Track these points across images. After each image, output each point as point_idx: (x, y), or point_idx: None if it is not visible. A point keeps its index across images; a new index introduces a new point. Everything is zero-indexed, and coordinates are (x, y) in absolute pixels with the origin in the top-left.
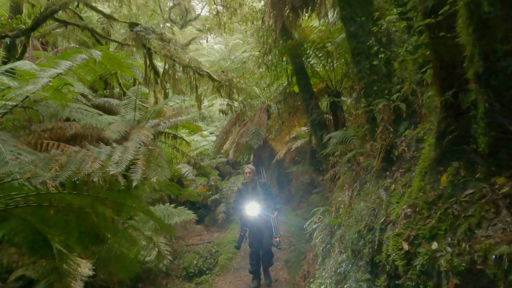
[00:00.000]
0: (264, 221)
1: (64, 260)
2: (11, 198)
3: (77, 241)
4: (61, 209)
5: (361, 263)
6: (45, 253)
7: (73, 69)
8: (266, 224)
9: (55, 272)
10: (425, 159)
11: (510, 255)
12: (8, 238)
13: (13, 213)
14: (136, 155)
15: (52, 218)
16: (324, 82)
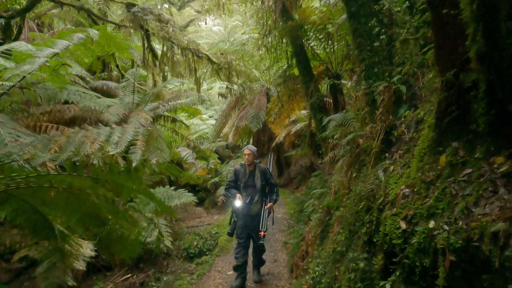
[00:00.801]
0: (257, 211)
1: (66, 241)
2: (11, 179)
3: (78, 223)
4: (62, 190)
5: (359, 242)
6: (47, 234)
7: (70, 49)
8: (257, 215)
9: (58, 253)
10: (424, 140)
11: (506, 232)
12: (10, 219)
13: (14, 194)
14: (135, 136)
15: (53, 200)
16: (324, 65)
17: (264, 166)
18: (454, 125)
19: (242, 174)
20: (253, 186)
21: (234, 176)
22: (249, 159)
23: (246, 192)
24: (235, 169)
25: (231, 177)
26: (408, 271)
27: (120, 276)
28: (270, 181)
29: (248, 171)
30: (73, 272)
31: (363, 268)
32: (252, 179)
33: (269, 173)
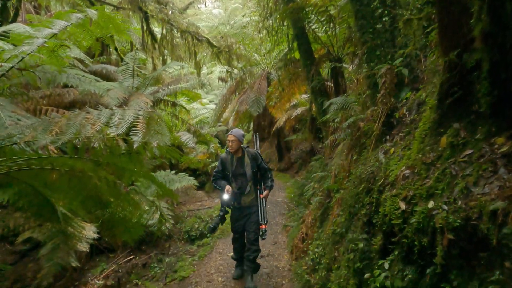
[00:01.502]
0: (250, 202)
1: (69, 223)
2: (13, 162)
3: (81, 205)
4: (64, 173)
5: (358, 224)
6: (50, 217)
7: (69, 29)
8: (252, 206)
9: (61, 235)
10: (425, 121)
11: (505, 210)
12: (12, 202)
13: (16, 177)
14: (136, 118)
15: (55, 182)
16: (325, 48)
17: (253, 151)
18: (456, 107)
19: (229, 163)
20: (243, 175)
21: (220, 165)
22: (233, 146)
23: (236, 182)
24: (221, 158)
25: (218, 167)
26: (407, 250)
27: (123, 257)
28: (261, 166)
29: (235, 158)
30: (77, 254)
31: (362, 248)
32: (241, 167)
33: (259, 157)
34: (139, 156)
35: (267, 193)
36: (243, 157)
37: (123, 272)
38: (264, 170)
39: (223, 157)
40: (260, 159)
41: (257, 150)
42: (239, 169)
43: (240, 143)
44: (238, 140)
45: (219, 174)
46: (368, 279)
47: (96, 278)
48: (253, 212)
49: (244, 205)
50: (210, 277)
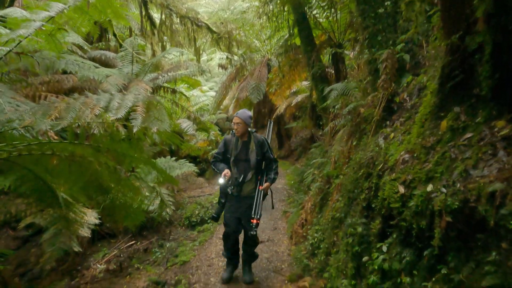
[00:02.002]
0: (250, 192)
1: (70, 209)
2: (13, 147)
3: (81, 191)
4: (64, 158)
5: (358, 208)
6: (51, 202)
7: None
8: (251, 198)
9: (63, 220)
10: (426, 106)
11: (503, 192)
12: (14, 188)
13: (16, 162)
14: (136, 102)
15: (56, 168)
16: (326, 34)
17: (261, 137)
18: (457, 90)
19: (233, 145)
20: (246, 161)
21: (223, 146)
22: (238, 130)
23: (237, 168)
24: (225, 139)
25: (220, 148)
26: (405, 233)
27: (124, 243)
28: (267, 155)
29: (240, 142)
30: (79, 239)
31: (361, 232)
32: (245, 152)
33: (267, 145)
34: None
35: (267, 185)
36: (249, 142)
37: (124, 256)
38: (270, 160)
39: (227, 138)
40: (267, 147)
41: (265, 137)
42: (242, 154)
43: (246, 127)
44: (244, 123)
45: (220, 156)
46: (366, 262)
47: (98, 263)
48: (250, 205)
49: (243, 194)
50: (210, 261)
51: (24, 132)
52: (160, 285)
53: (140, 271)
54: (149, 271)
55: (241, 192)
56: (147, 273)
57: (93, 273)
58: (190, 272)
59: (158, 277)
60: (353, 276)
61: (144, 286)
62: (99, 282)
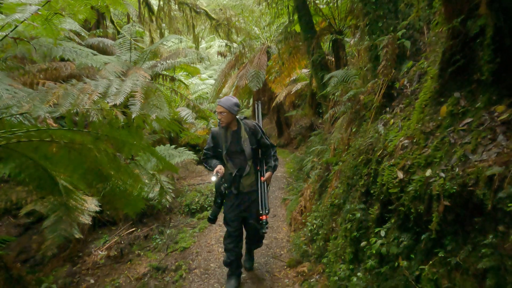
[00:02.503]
0: (250, 186)
1: (70, 196)
2: (12, 133)
3: (81, 178)
4: (63, 145)
5: (356, 194)
6: (51, 190)
7: None
8: (253, 192)
9: (63, 207)
10: (426, 91)
11: (501, 175)
12: (14, 175)
13: (15, 149)
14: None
15: (55, 155)
16: (327, 21)
17: (252, 123)
18: (457, 75)
19: (222, 138)
20: (240, 152)
21: (211, 141)
22: (223, 120)
23: (232, 161)
24: (212, 132)
25: (208, 143)
26: (403, 218)
27: (125, 230)
28: (263, 141)
29: (230, 132)
30: (79, 226)
31: (359, 218)
32: (237, 143)
33: (260, 130)
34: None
35: (269, 175)
36: (239, 131)
37: (125, 243)
38: (266, 146)
39: (214, 132)
40: (261, 133)
41: (256, 122)
42: (234, 145)
43: (232, 116)
44: (229, 112)
45: (210, 152)
46: (365, 247)
47: (99, 249)
48: (253, 200)
49: (242, 190)
50: (210, 247)
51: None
52: (160, 271)
53: (140, 257)
54: (150, 257)
55: (240, 187)
56: (148, 259)
57: (94, 259)
58: (190, 258)
59: (159, 263)
60: (351, 261)
61: (145, 272)
62: (100, 268)
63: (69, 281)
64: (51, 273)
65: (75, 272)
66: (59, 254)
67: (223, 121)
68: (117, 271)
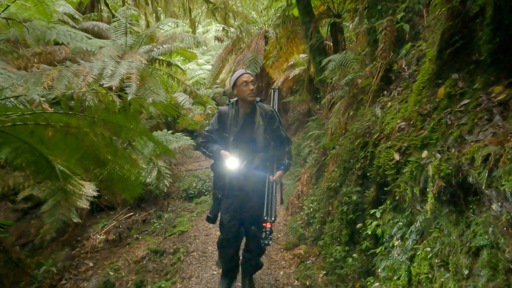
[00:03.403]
0: (254, 185)
1: (68, 181)
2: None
3: (78, 163)
4: (59, 129)
5: (353, 177)
6: (48, 174)
7: None
8: (257, 192)
9: (61, 192)
10: (424, 73)
11: (497, 154)
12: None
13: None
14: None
15: (51, 139)
16: (325, 4)
17: (269, 108)
18: (455, 56)
19: (231, 120)
20: (250, 142)
21: (216, 122)
22: (254, 91)
23: (238, 150)
24: (219, 111)
25: (212, 124)
26: (399, 199)
27: (123, 214)
28: (278, 132)
29: (242, 114)
30: (78, 211)
31: (355, 200)
32: (249, 129)
33: (278, 119)
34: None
35: (280, 174)
36: (253, 114)
37: (123, 227)
38: (281, 139)
39: (222, 111)
40: (278, 122)
41: (274, 108)
42: (245, 132)
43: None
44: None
45: (213, 135)
46: (360, 229)
47: (97, 233)
48: (258, 202)
49: (247, 188)
50: (208, 231)
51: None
52: (159, 254)
53: (139, 241)
54: (148, 241)
55: (245, 183)
56: (146, 243)
57: (93, 243)
58: (188, 241)
59: (157, 246)
60: (346, 242)
61: (143, 255)
62: (99, 252)
63: (68, 264)
64: (50, 257)
65: (74, 256)
66: (58, 238)
67: (254, 92)
68: (115, 254)
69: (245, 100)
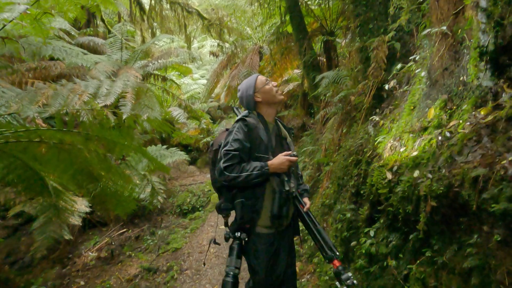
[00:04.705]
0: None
1: (60, 197)
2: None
3: (71, 179)
4: (53, 146)
5: (347, 195)
6: (40, 191)
7: None
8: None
9: (53, 208)
10: (415, 93)
11: (485, 176)
12: (2, 176)
13: (3, 150)
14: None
15: (45, 156)
16: (318, 22)
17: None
18: (445, 78)
19: (263, 134)
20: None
21: (246, 138)
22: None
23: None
24: (248, 124)
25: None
26: (392, 218)
27: (116, 231)
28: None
29: (273, 128)
30: (69, 227)
31: (349, 218)
32: (280, 145)
33: (293, 131)
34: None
35: (309, 204)
36: (277, 125)
37: (116, 244)
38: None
39: (251, 123)
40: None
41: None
42: (279, 149)
43: None
44: None
45: (244, 154)
46: (355, 247)
47: (89, 251)
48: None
49: (285, 223)
50: (202, 248)
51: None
52: (151, 272)
53: (131, 258)
54: (141, 258)
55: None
56: (139, 260)
57: (84, 261)
58: (181, 258)
59: (150, 264)
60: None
61: (136, 273)
62: (91, 270)
63: (59, 283)
64: (40, 275)
65: (64, 274)
66: (49, 255)
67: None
68: (107, 272)
69: (274, 101)
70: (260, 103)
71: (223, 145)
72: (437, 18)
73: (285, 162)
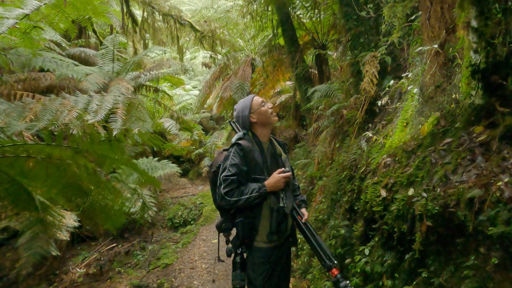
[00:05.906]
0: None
1: (47, 212)
2: None
3: (60, 193)
4: (41, 160)
5: (340, 210)
6: (27, 205)
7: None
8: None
9: (40, 223)
10: (407, 110)
11: (481, 198)
12: None
13: None
14: (115, 104)
15: (32, 170)
16: (310, 35)
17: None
18: (437, 95)
19: (257, 155)
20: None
21: (242, 162)
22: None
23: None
24: (243, 149)
25: (238, 165)
26: (387, 237)
27: (105, 245)
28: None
29: (268, 148)
30: (57, 242)
31: (343, 234)
32: (276, 163)
33: (287, 147)
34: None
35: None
36: (272, 144)
37: (105, 260)
38: (293, 174)
39: (246, 146)
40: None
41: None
42: (274, 167)
43: None
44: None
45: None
46: (349, 265)
47: (77, 267)
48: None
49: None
50: (193, 264)
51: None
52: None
53: (121, 274)
54: (131, 275)
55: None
56: (129, 277)
57: (72, 278)
58: (172, 275)
59: (140, 281)
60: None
61: None
62: (79, 287)
63: None
64: None
65: None
66: (35, 272)
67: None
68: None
69: (268, 123)
70: (255, 124)
71: (221, 171)
72: (428, 36)
73: (281, 179)
